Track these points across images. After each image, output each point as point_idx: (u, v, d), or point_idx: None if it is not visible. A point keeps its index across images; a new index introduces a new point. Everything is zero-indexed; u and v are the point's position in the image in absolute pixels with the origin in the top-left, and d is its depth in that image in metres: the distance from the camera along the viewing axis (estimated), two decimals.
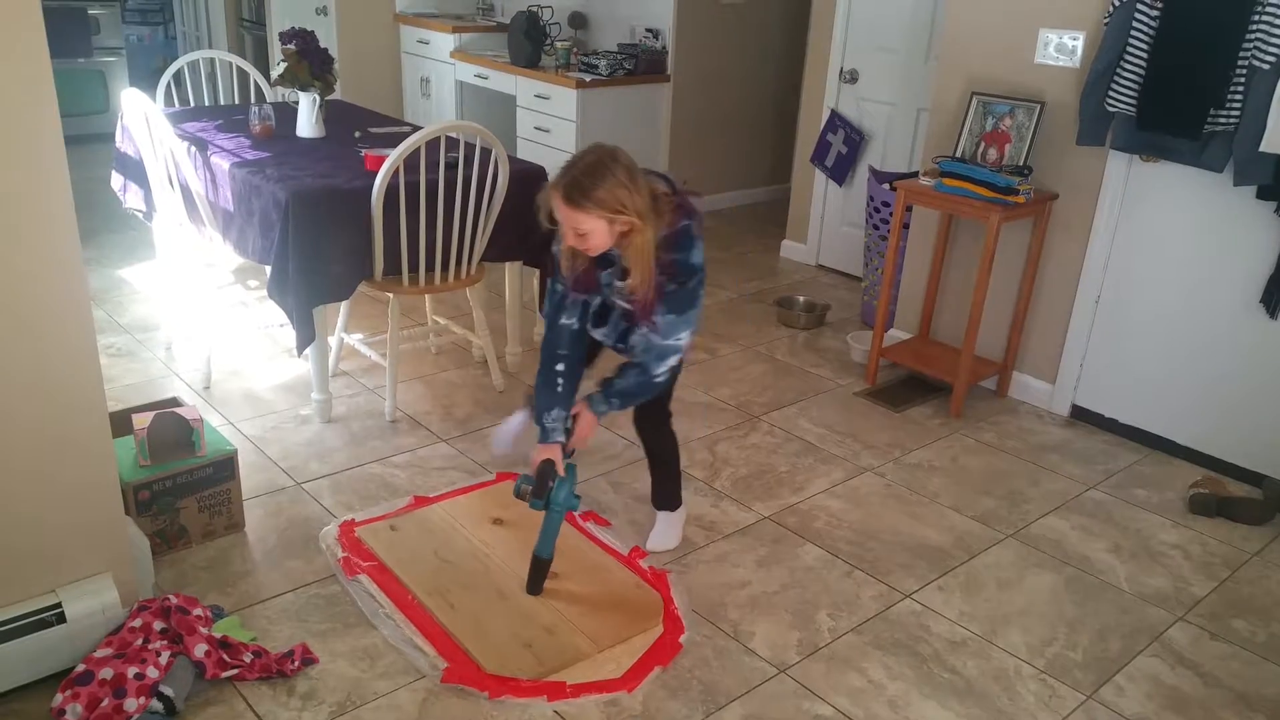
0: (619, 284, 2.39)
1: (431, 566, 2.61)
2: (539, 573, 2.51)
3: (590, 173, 2.21)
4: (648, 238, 2.26)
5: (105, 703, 2.04)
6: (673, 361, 2.41)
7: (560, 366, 2.48)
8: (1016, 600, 2.67)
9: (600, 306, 2.50)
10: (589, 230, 2.25)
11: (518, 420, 2.79)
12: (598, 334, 2.55)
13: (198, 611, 2.28)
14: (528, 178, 3.49)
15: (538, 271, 3.72)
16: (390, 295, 3.25)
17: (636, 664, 2.33)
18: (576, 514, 2.89)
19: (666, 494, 2.83)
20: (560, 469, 2.44)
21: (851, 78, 4.89)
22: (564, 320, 2.48)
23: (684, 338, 2.38)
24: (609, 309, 2.49)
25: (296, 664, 2.25)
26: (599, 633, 2.40)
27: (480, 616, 2.44)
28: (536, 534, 2.50)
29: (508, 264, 3.67)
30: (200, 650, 2.18)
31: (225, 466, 2.69)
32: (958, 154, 3.67)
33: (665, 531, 2.81)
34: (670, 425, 2.75)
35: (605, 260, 2.39)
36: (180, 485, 2.61)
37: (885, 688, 2.33)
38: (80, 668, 2.10)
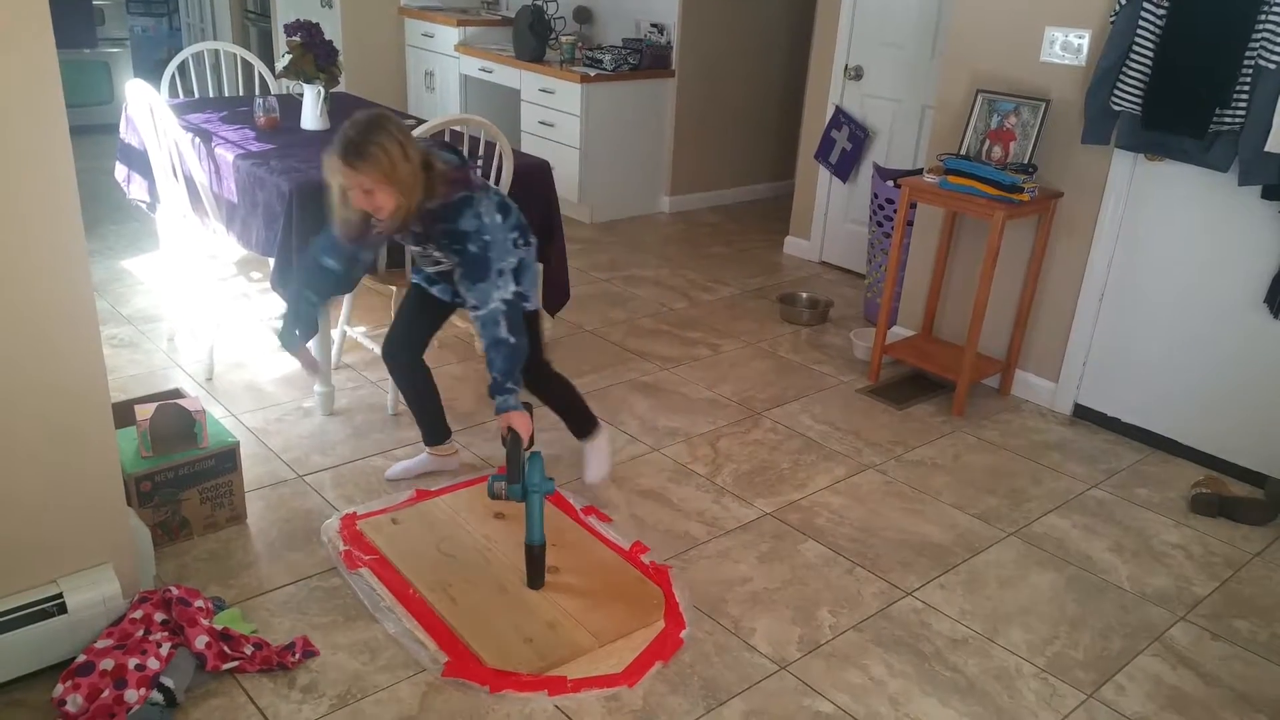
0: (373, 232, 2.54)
1: (433, 560, 2.61)
2: (536, 563, 2.50)
3: (364, 131, 2.31)
4: (411, 200, 2.39)
5: (106, 693, 2.04)
6: (504, 323, 2.48)
7: (310, 306, 2.70)
8: (1018, 598, 2.67)
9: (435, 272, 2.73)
10: (373, 188, 2.33)
11: (421, 460, 3.03)
12: (435, 290, 2.79)
13: (199, 603, 2.28)
14: (532, 171, 3.48)
15: (541, 266, 3.72)
16: (393, 289, 3.25)
17: (638, 659, 2.33)
18: (578, 509, 2.89)
19: (580, 424, 2.99)
20: (524, 436, 2.46)
21: (856, 74, 4.88)
22: (328, 262, 2.63)
23: (496, 296, 2.47)
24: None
25: (297, 656, 2.25)
26: (600, 627, 2.40)
27: (481, 611, 2.44)
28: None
29: None
30: (201, 642, 2.18)
31: (227, 458, 2.69)
32: (962, 151, 3.66)
33: (595, 460, 3.00)
34: (553, 370, 2.93)
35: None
36: (182, 477, 2.61)
37: (886, 685, 2.32)
38: (81, 658, 2.10)
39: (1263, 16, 2.87)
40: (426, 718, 2.14)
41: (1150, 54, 3.12)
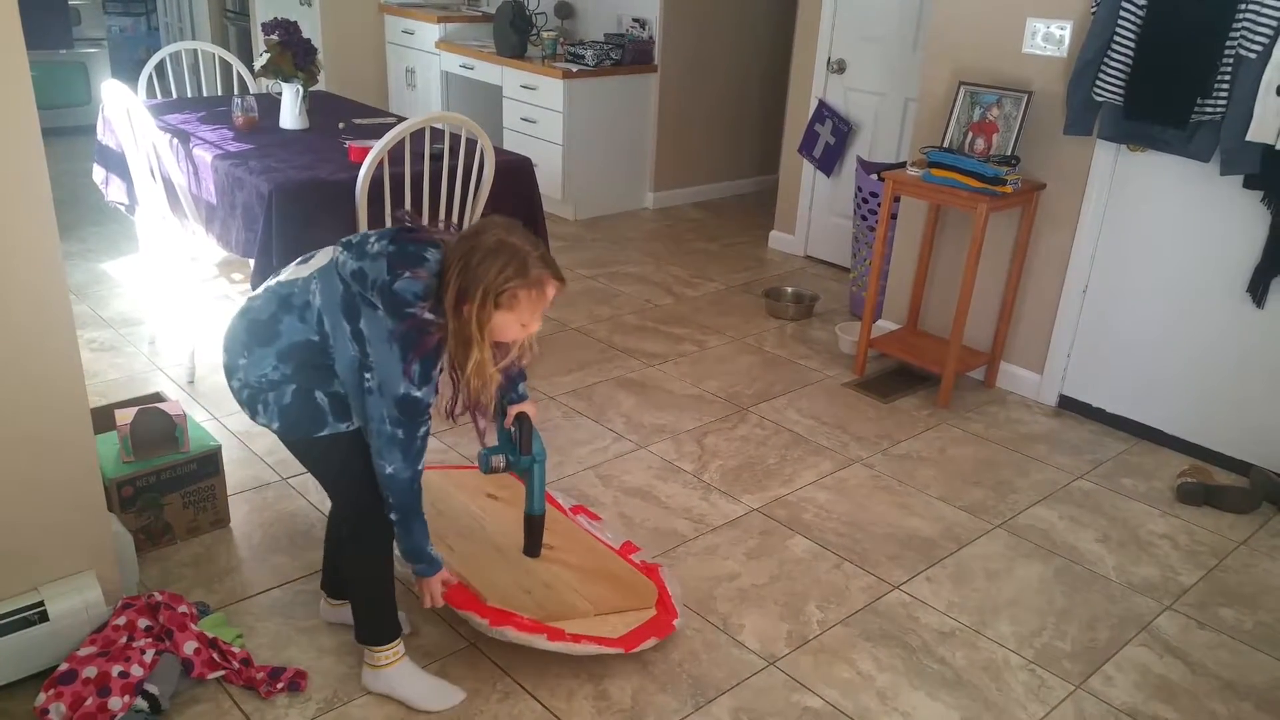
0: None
1: (429, 515, 2.57)
2: (535, 532, 2.48)
3: (536, 239, 1.95)
4: None
5: (89, 701, 2.02)
6: None
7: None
8: (1005, 591, 2.67)
9: None
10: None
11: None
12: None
13: (183, 608, 2.26)
14: (514, 169, 3.47)
15: None
16: None
17: (635, 630, 2.31)
18: (566, 507, 2.87)
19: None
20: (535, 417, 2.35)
21: (839, 68, 4.88)
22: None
23: None
24: None
25: (279, 686, 2.18)
26: (597, 598, 2.39)
27: (479, 561, 2.44)
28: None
29: None
30: (190, 648, 2.16)
31: (209, 462, 2.67)
32: (945, 144, 3.66)
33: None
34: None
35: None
36: (164, 481, 2.59)
37: (874, 679, 2.32)
38: (64, 666, 2.08)
39: (1243, 6, 2.88)
40: (415, 719, 2.13)
41: (1132, 44, 3.12)
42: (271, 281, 2.03)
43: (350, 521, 2.12)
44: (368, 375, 1.91)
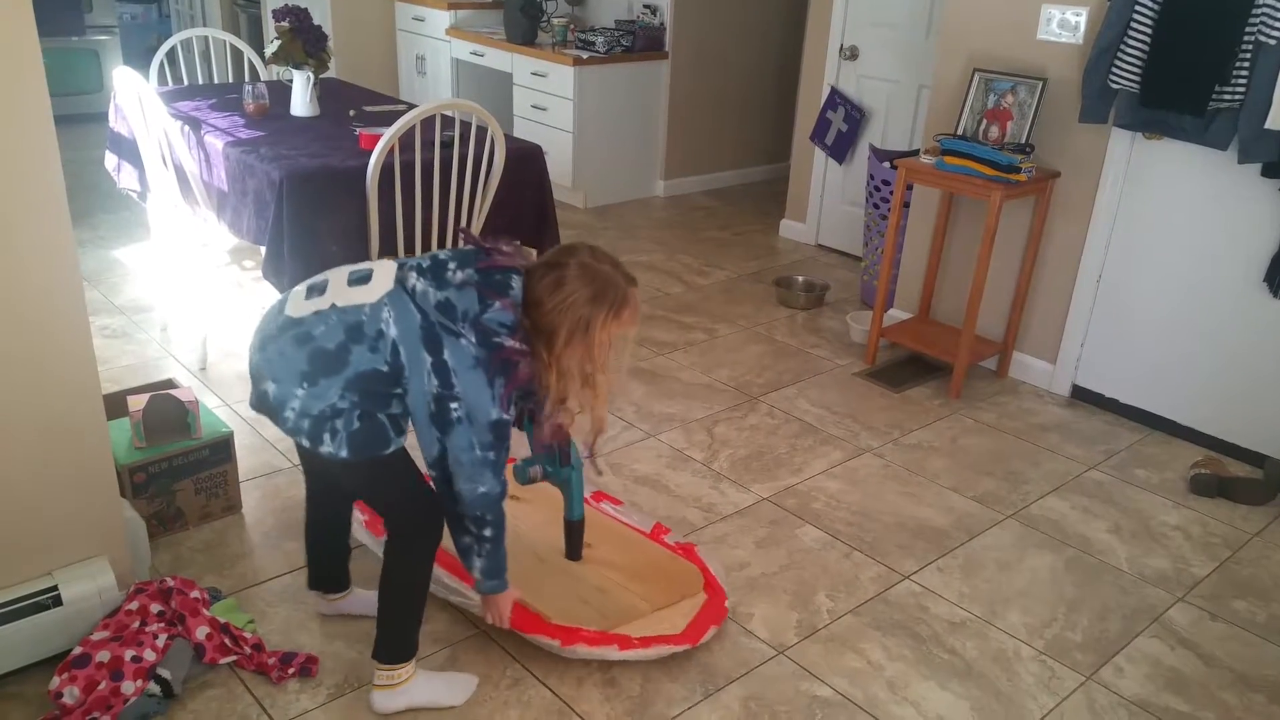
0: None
1: None
2: (576, 537, 2.48)
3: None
4: None
5: (102, 685, 2.03)
6: None
7: None
8: (1016, 581, 2.66)
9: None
10: None
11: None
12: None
13: (194, 594, 2.27)
14: (524, 156, 3.46)
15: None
16: None
17: (694, 621, 2.31)
18: (587, 495, 2.86)
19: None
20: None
21: (852, 54, 4.85)
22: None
23: None
24: None
25: (290, 671, 2.19)
26: (648, 594, 2.39)
27: (528, 575, 2.42)
28: (556, 509, 2.48)
29: None
30: (202, 633, 2.17)
31: (221, 448, 2.68)
32: (959, 132, 3.64)
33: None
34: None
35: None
36: (176, 467, 2.60)
37: (884, 669, 2.32)
38: (77, 650, 2.09)
39: None
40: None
41: (1148, 30, 3.09)
42: (323, 305, 1.91)
43: (406, 535, 2.04)
44: (454, 405, 1.88)
